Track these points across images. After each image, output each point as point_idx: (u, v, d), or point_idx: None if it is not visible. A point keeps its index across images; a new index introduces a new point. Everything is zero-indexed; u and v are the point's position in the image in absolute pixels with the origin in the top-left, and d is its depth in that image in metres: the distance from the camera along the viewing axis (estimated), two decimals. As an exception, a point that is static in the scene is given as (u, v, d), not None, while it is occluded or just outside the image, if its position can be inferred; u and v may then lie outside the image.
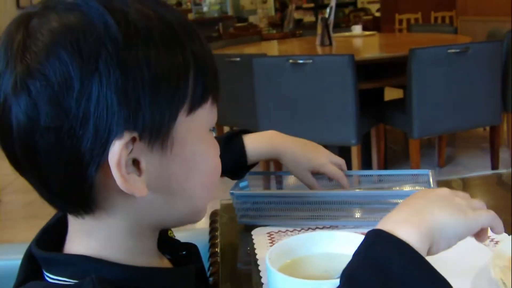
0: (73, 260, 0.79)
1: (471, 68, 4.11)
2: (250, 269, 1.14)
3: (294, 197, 1.30)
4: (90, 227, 0.80)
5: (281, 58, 4.24)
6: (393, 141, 5.95)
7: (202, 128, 0.82)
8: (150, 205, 0.79)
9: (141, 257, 0.85)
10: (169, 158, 0.77)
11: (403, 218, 0.79)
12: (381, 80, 4.56)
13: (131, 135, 0.71)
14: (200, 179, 0.83)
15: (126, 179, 0.72)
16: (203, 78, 0.79)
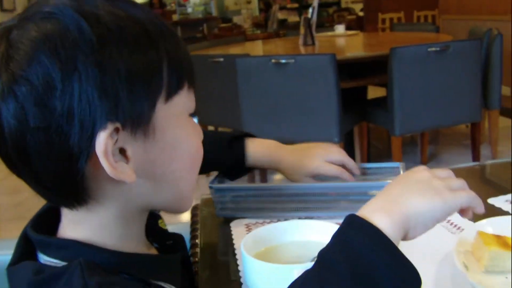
0: (65, 244, 0.85)
1: (451, 66, 4.16)
2: (228, 258, 1.19)
3: (271, 189, 1.35)
4: (82, 217, 0.86)
5: (264, 58, 4.27)
6: (376, 138, 5.99)
7: (181, 113, 0.87)
8: (139, 191, 0.85)
9: (129, 243, 0.90)
10: (152, 144, 0.82)
11: (379, 206, 0.81)
12: (364, 79, 4.59)
13: (114, 125, 0.76)
14: (183, 161, 0.88)
15: (115, 167, 0.78)
16: (177, 69, 0.84)
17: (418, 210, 0.81)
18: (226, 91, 4.53)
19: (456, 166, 1.78)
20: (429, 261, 1.10)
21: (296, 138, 4.25)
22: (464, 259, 1.04)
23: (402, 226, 0.79)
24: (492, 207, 1.34)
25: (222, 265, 1.19)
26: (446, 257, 1.10)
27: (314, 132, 4.10)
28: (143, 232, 0.97)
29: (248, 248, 1.02)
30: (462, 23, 7.66)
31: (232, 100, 4.34)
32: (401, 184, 0.86)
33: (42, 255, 0.85)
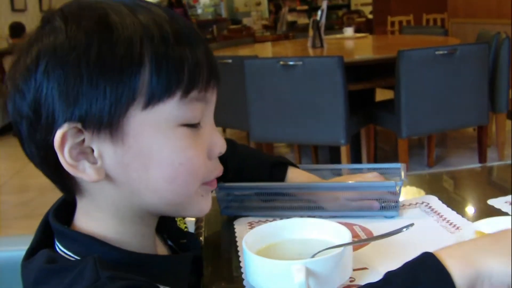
0: (80, 238, 0.89)
1: (459, 69, 4.18)
2: (231, 255, 1.21)
3: (274, 188, 1.37)
4: (86, 207, 0.91)
5: (272, 59, 4.30)
6: (384, 141, 6.01)
7: (165, 123, 0.85)
8: (119, 193, 0.88)
9: (135, 240, 0.94)
10: (123, 149, 0.84)
11: (463, 253, 0.78)
12: (371, 82, 4.62)
13: (72, 125, 0.81)
14: (162, 172, 0.86)
15: (73, 165, 0.83)
16: (163, 74, 0.83)
17: (493, 273, 0.75)
18: (234, 92, 4.55)
19: (458, 168, 1.80)
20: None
21: (303, 139, 4.28)
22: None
23: (473, 280, 0.75)
24: (492, 208, 1.36)
25: (224, 262, 1.21)
26: (444, 256, 1.11)
27: (320, 134, 4.12)
28: (151, 231, 1.00)
29: (250, 245, 1.04)
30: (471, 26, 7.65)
31: (240, 102, 4.36)
32: (498, 240, 0.80)
33: (58, 244, 0.89)
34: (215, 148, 0.94)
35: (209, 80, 0.89)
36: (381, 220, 1.32)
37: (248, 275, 1.04)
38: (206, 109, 0.92)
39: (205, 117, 0.92)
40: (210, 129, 0.94)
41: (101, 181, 0.86)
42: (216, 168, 0.96)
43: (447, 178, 1.70)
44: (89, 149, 0.84)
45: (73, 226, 0.93)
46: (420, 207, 1.38)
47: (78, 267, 0.81)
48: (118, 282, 0.78)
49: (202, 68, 0.87)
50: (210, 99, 0.92)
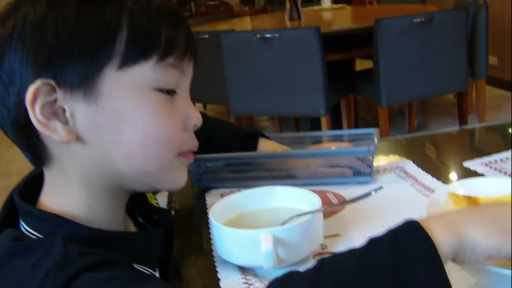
0: (45, 216, 0.86)
1: (436, 36, 4.15)
2: (202, 228, 1.19)
3: (245, 158, 1.34)
4: (55, 180, 0.89)
5: (248, 33, 4.26)
6: (364, 110, 5.99)
7: (140, 85, 0.84)
8: (89, 158, 0.86)
9: (104, 216, 0.91)
10: (97, 110, 0.82)
11: (449, 221, 0.77)
12: (350, 52, 4.59)
13: (44, 81, 0.80)
14: (135, 136, 0.85)
15: (44, 123, 0.81)
16: (141, 38, 0.83)
17: (476, 243, 0.75)
18: (212, 68, 4.51)
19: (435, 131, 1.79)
20: (401, 224, 1.10)
21: (283, 111, 4.26)
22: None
23: (456, 249, 0.75)
24: (467, 169, 1.34)
25: (195, 234, 1.19)
26: (418, 220, 1.10)
27: (300, 106, 4.10)
28: (119, 206, 0.97)
29: (218, 216, 1.02)
30: (449, -7, 7.62)
31: (218, 77, 4.33)
32: (483, 212, 0.81)
33: (23, 223, 0.87)
34: (190, 120, 0.93)
35: (186, 51, 0.89)
36: (355, 186, 1.30)
37: (217, 247, 1.02)
38: (182, 80, 0.91)
39: (181, 88, 0.91)
40: (186, 101, 0.93)
41: (72, 144, 0.84)
42: (191, 140, 0.95)
43: (423, 142, 1.68)
44: (61, 110, 0.82)
45: (39, 205, 0.90)
46: (395, 171, 1.37)
47: (45, 244, 0.78)
48: (89, 257, 0.76)
49: (180, 37, 0.87)
50: (186, 70, 0.91)
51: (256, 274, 0.97)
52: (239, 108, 4.34)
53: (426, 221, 0.76)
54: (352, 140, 1.45)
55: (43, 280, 0.74)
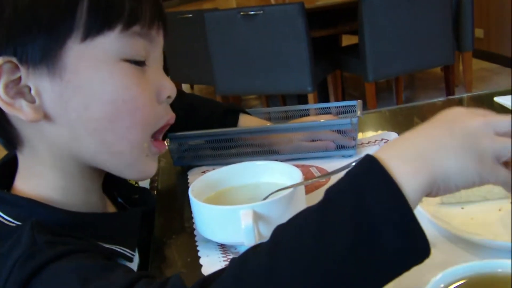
0: (20, 202, 0.84)
1: (422, 9, 4.13)
2: (183, 207, 1.17)
3: (226, 134, 1.32)
4: (28, 164, 0.88)
5: (232, 11, 4.22)
6: (351, 86, 5.98)
7: (107, 57, 0.82)
8: (59, 137, 0.84)
9: (79, 198, 0.90)
10: (62, 85, 0.80)
11: (408, 158, 0.65)
12: (335, 28, 4.56)
13: (6, 59, 0.77)
14: (104, 111, 0.82)
15: (7, 102, 0.79)
16: (103, 7, 0.80)
17: (451, 174, 0.65)
18: (197, 48, 4.50)
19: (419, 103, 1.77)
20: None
21: (270, 89, 4.24)
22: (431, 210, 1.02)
23: (426, 189, 0.64)
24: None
25: (176, 213, 1.17)
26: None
27: (286, 83, 4.08)
28: (95, 187, 0.96)
29: (198, 193, 1.00)
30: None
31: (204, 57, 4.31)
32: (436, 134, 0.68)
33: None
34: (163, 91, 0.90)
35: (153, 19, 0.86)
36: (339, 159, 1.28)
37: (198, 225, 0.99)
38: (152, 49, 0.88)
39: (151, 58, 0.88)
40: (158, 72, 0.90)
41: (41, 124, 0.82)
42: (166, 113, 0.92)
43: (409, 114, 1.66)
44: (26, 88, 0.80)
45: (14, 190, 0.89)
46: (379, 144, 1.35)
47: (15, 234, 0.77)
48: (57, 247, 0.75)
49: (145, 5, 0.84)
50: (155, 39, 0.88)
51: (238, 252, 0.95)
52: (225, 87, 4.31)
53: (390, 161, 0.63)
54: (337, 113, 1.42)
55: (11, 269, 0.73)
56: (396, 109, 1.71)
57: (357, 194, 0.62)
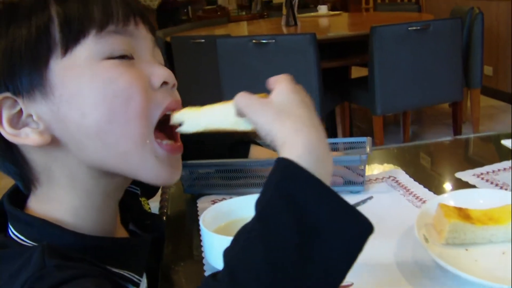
0: (32, 221, 0.86)
1: (432, 45, 4.15)
2: (192, 234, 1.18)
3: (236, 165, 1.34)
4: (44, 189, 0.89)
5: (244, 38, 4.25)
6: (359, 118, 5.99)
7: (88, 61, 0.83)
8: (69, 157, 0.86)
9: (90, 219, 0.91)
10: (56, 102, 0.82)
11: (307, 150, 0.70)
12: (346, 59, 4.59)
13: (1, 96, 0.82)
14: (99, 112, 0.82)
15: (13, 134, 0.83)
16: (71, 22, 0.82)
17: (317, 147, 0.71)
18: (207, 72, 4.51)
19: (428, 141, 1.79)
20: (392, 234, 1.10)
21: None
22: (425, 231, 1.05)
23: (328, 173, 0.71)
24: (459, 181, 1.35)
25: (185, 241, 1.19)
26: (409, 230, 1.10)
27: (295, 112, 4.08)
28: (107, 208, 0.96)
29: (209, 223, 1.02)
30: (444, 2, 7.63)
31: (214, 82, 4.32)
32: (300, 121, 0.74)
33: (11, 227, 0.87)
34: (154, 78, 0.88)
35: (126, 16, 0.87)
36: (346, 195, 1.30)
37: (207, 254, 1.01)
38: (136, 43, 0.88)
39: (139, 51, 0.89)
40: (149, 63, 0.89)
41: (50, 150, 0.85)
42: (165, 97, 0.89)
43: (416, 152, 1.68)
44: (30, 117, 0.83)
45: (27, 209, 0.91)
46: (387, 181, 1.37)
47: (26, 254, 0.79)
48: (66, 271, 0.76)
49: (115, 5, 0.86)
50: (136, 33, 0.88)
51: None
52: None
53: (298, 161, 0.67)
54: (345, 149, 1.45)
55: None
56: (404, 147, 1.73)
57: (291, 201, 0.65)
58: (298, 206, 0.65)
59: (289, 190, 0.66)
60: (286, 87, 0.79)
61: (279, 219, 0.65)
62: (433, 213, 1.09)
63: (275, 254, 0.63)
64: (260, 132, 0.75)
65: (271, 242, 0.64)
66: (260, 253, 0.64)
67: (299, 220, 0.64)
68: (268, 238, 0.64)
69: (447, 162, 1.60)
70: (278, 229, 0.64)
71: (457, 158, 1.65)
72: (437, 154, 1.68)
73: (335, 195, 0.66)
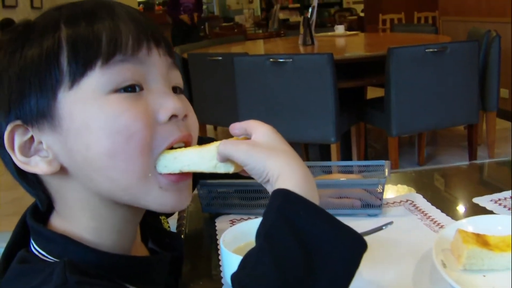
0: (54, 238, 0.87)
1: (449, 67, 4.16)
2: (211, 253, 1.19)
3: (255, 186, 1.35)
4: (60, 208, 0.90)
5: (261, 57, 4.27)
6: (374, 139, 6.00)
7: (94, 94, 0.82)
8: (78, 185, 0.87)
9: (111, 239, 0.91)
10: (63, 134, 0.83)
11: (300, 182, 0.79)
12: (362, 79, 4.60)
13: (12, 125, 0.83)
14: (102, 147, 0.82)
15: (24, 162, 0.85)
16: (79, 53, 0.82)
17: None
18: (224, 89, 4.54)
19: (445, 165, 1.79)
20: (410, 258, 1.10)
21: (293, 137, 4.26)
22: (443, 256, 1.05)
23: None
24: (477, 206, 1.35)
25: (204, 260, 1.19)
26: (426, 255, 1.10)
27: (310, 132, 4.10)
28: (132, 230, 0.97)
29: (228, 243, 1.03)
30: (461, 24, 7.64)
31: (230, 99, 4.34)
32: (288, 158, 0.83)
33: (33, 242, 0.88)
34: (162, 111, 0.86)
35: (137, 43, 0.85)
36: (364, 218, 1.31)
37: (226, 274, 1.02)
38: (147, 71, 0.87)
39: (149, 79, 0.87)
40: (159, 93, 0.87)
41: (61, 177, 0.86)
42: (171, 132, 0.87)
43: (433, 175, 1.68)
44: (41, 145, 0.85)
45: (49, 225, 0.92)
46: (404, 205, 1.37)
47: (48, 270, 0.80)
48: (87, 287, 0.77)
49: (124, 34, 0.84)
50: (147, 60, 0.87)
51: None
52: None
53: (295, 189, 0.77)
54: (360, 171, 1.46)
55: None
56: (421, 171, 1.74)
57: (291, 223, 0.74)
58: (299, 228, 0.73)
59: (291, 215, 0.75)
60: (266, 128, 0.86)
61: (284, 238, 0.73)
62: (451, 238, 1.10)
63: (284, 268, 0.71)
64: (251, 170, 0.82)
65: (279, 259, 0.71)
66: (271, 269, 0.71)
67: (302, 240, 0.72)
68: (276, 255, 0.72)
69: (464, 186, 1.61)
70: (284, 247, 0.72)
71: (474, 182, 1.65)
72: (454, 178, 1.68)
73: (331, 216, 0.75)
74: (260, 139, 0.84)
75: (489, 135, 5.01)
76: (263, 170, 0.81)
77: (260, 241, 0.75)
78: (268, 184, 0.82)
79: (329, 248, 0.73)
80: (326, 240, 0.73)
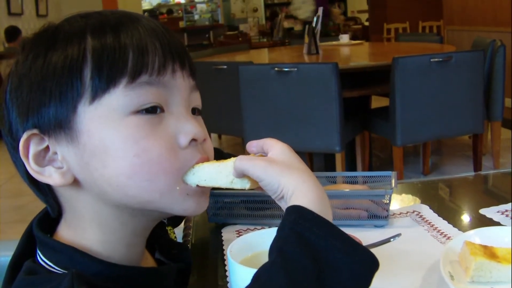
0: (61, 248, 0.87)
1: (454, 77, 4.16)
2: (217, 264, 1.19)
3: (262, 196, 1.35)
4: (69, 218, 0.91)
5: (266, 66, 4.28)
6: (379, 148, 6.00)
7: (116, 113, 0.82)
8: (91, 197, 0.87)
9: (119, 251, 0.91)
10: (80, 148, 0.83)
11: (314, 199, 0.81)
12: (367, 89, 4.60)
13: (29, 133, 0.83)
14: (120, 167, 0.83)
15: (37, 171, 0.85)
16: (104, 68, 0.82)
17: None
18: (228, 98, 4.54)
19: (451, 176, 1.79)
20: (417, 269, 1.10)
21: (297, 146, 4.25)
22: (450, 268, 1.05)
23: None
24: (483, 217, 1.35)
25: (210, 270, 1.19)
26: (434, 266, 1.10)
27: (315, 141, 4.10)
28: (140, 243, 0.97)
29: (235, 254, 1.02)
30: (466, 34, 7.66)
31: (235, 108, 4.35)
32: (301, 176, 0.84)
33: (40, 253, 0.88)
34: (183, 135, 0.87)
35: (163, 65, 0.85)
36: (370, 229, 1.31)
37: (233, 285, 1.02)
38: (170, 94, 0.87)
39: (171, 103, 0.87)
40: (179, 116, 0.88)
41: (73, 188, 0.86)
42: (193, 155, 0.88)
43: (439, 186, 1.68)
44: (56, 155, 0.85)
45: (56, 236, 0.91)
46: (411, 216, 1.37)
47: (56, 281, 0.79)
48: None
49: (151, 53, 0.84)
50: (170, 83, 0.87)
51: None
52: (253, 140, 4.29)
53: (310, 205, 0.79)
54: (364, 182, 1.45)
55: None
56: (428, 181, 1.73)
57: (303, 239, 0.75)
58: (312, 244, 0.74)
59: (304, 231, 0.76)
60: (283, 146, 0.88)
61: (297, 254, 0.73)
62: (458, 250, 1.09)
63: (296, 284, 0.71)
64: (266, 186, 0.83)
65: (292, 274, 0.72)
66: (283, 284, 0.71)
67: (314, 256, 0.73)
68: (288, 270, 0.72)
69: (470, 197, 1.61)
70: (297, 263, 0.73)
71: (480, 193, 1.65)
72: (460, 189, 1.68)
73: (344, 234, 0.76)
74: (277, 156, 0.85)
75: (494, 145, 5.00)
76: (278, 186, 0.82)
77: (273, 256, 0.76)
78: (282, 201, 0.83)
79: (341, 265, 0.73)
80: (338, 258, 0.74)
